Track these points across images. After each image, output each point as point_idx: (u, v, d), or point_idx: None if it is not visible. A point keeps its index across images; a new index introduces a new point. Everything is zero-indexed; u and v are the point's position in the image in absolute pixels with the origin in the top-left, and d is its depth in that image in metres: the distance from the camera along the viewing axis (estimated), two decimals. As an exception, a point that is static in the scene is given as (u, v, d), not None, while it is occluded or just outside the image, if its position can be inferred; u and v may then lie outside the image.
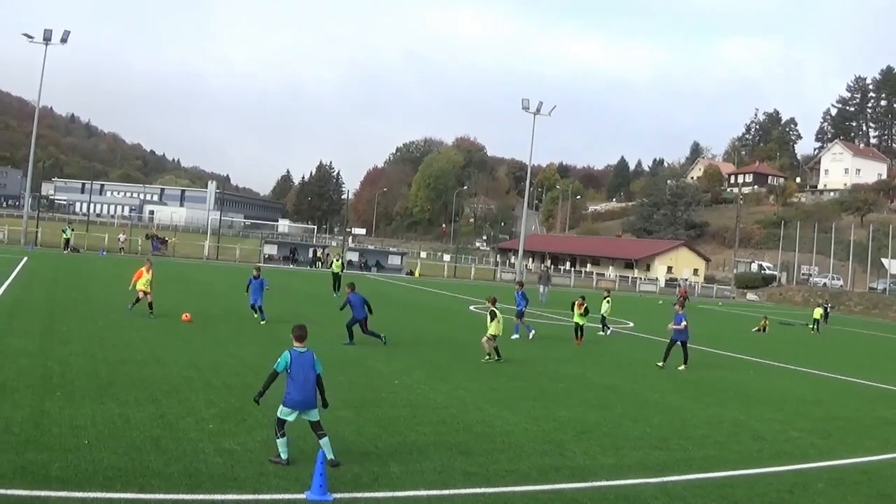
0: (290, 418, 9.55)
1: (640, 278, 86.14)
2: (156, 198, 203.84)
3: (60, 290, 28.68)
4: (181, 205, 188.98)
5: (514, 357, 20.71)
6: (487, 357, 19.38)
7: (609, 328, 29.27)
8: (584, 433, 12.66)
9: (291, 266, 61.24)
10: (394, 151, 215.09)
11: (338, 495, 8.59)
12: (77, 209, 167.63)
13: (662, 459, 11.42)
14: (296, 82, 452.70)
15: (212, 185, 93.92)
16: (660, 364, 21.03)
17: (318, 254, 66.18)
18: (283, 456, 9.57)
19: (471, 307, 37.26)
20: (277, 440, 9.62)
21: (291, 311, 26.76)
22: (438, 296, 27.11)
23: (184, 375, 14.62)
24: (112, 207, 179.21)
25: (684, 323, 20.92)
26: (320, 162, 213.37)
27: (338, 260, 40.95)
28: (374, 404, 13.57)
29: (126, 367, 15.21)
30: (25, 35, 59.74)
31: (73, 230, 58.36)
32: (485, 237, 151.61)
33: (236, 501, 8.40)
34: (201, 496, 8.40)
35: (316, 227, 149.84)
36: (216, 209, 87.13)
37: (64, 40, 59.43)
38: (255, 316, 23.42)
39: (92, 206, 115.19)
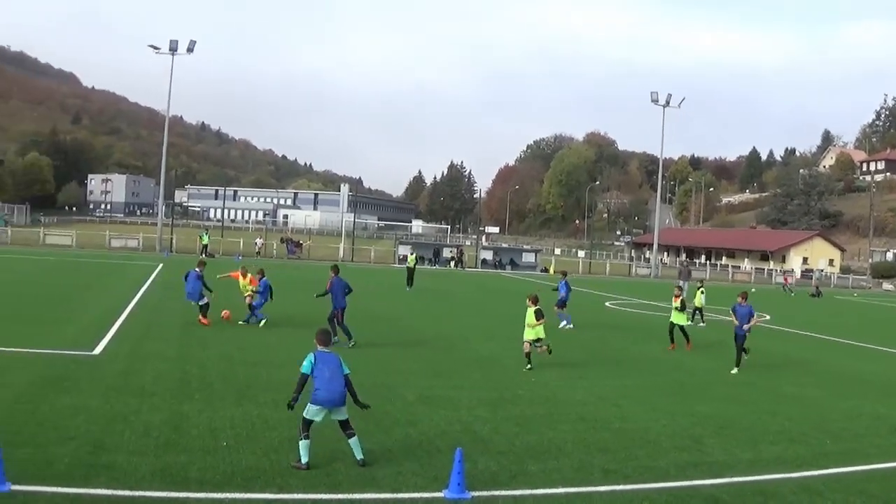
0: (318, 418, 11.08)
1: (776, 270, 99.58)
2: (289, 202, 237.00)
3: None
4: (315, 208, 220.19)
5: (651, 353, 24.11)
6: (528, 367, 19.81)
7: (703, 322, 32.86)
8: (722, 428, 14.63)
9: (436, 266, 70.84)
10: (524, 149, 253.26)
11: (476, 493, 10.09)
12: (211, 215, 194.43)
13: (800, 454, 13.19)
14: (425, 83, 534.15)
15: (344, 188, 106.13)
16: (734, 371, 21.51)
17: (454, 253, 76.96)
18: (304, 460, 10.95)
19: (607, 304, 42.77)
20: (300, 442, 11.02)
21: (431, 310, 30.81)
22: (573, 293, 30.84)
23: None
24: (246, 213, 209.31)
25: (754, 320, 21.96)
26: (451, 161, 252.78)
27: (412, 255, 49.31)
28: (511, 402, 15.85)
29: (263, 369, 17.84)
30: (151, 46, 72.54)
31: (210, 235, 66.91)
32: (619, 232, 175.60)
33: (374, 500, 9.88)
34: (340, 496, 9.94)
35: (449, 226, 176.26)
36: (349, 212, 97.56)
37: (190, 50, 71.46)
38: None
39: (226, 211, 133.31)
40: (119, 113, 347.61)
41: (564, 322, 29.58)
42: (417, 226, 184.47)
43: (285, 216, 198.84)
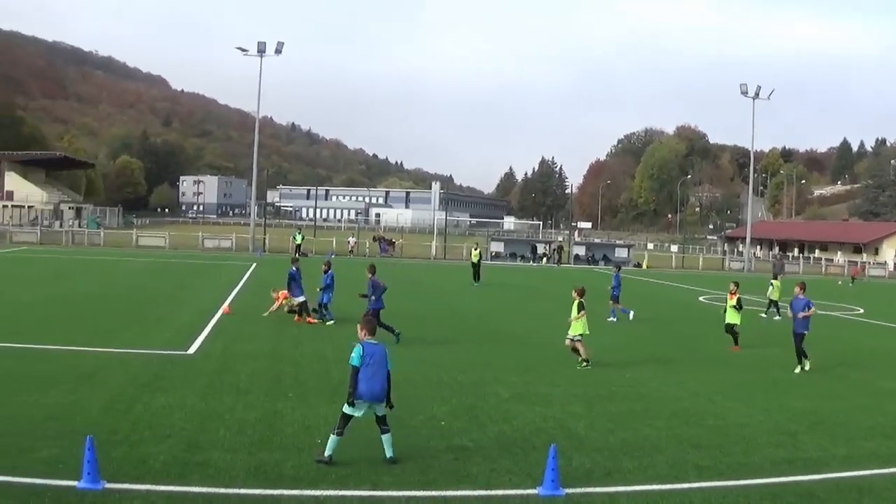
0: (359, 413, 11.13)
1: (869, 262, 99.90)
2: (381, 200, 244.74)
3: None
4: (406, 206, 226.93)
5: (745, 348, 23.87)
6: (584, 363, 19.70)
7: (778, 316, 32.89)
8: (816, 424, 14.83)
9: (533, 264, 71.85)
10: (615, 143, 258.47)
11: (570, 490, 10.25)
12: (303, 215, 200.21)
13: (895, 450, 13.24)
14: (515, 78, 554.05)
15: (436, 186, 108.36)
16: (797, 370, 20.72)
17: (546, 249, 78.19)
18: (328, 453, 11.05)
19: (700, 298, 43.56)
20: (332, 436, 11.11)
21: (520, 308, 29.94)
22: (667, 287, 31.07)
23: (416, 374, 17.51)
24: (338, 212, 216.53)
25: (811, 309, 20.99)
26: (542, 157, 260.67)
27: (476, 249, 49.69)
28: (606, 398, 16.21)
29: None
30: (240, 49, 76.00)
31: (303, 236, 68.51)
32: (711, 226, 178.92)
33: (468, 497, 10.03)
34: (433, 493, 10.10)
35: (541, 222, 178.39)
36: (441, 209, 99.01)
37: (278, 51, 74.27)
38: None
39: (318, 211, 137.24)
40: (209, 115, 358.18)
41: (613, 318, 30.17)
42: (509, 222, 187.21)
43: (377, 215, 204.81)
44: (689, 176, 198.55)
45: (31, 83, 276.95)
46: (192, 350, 19.75)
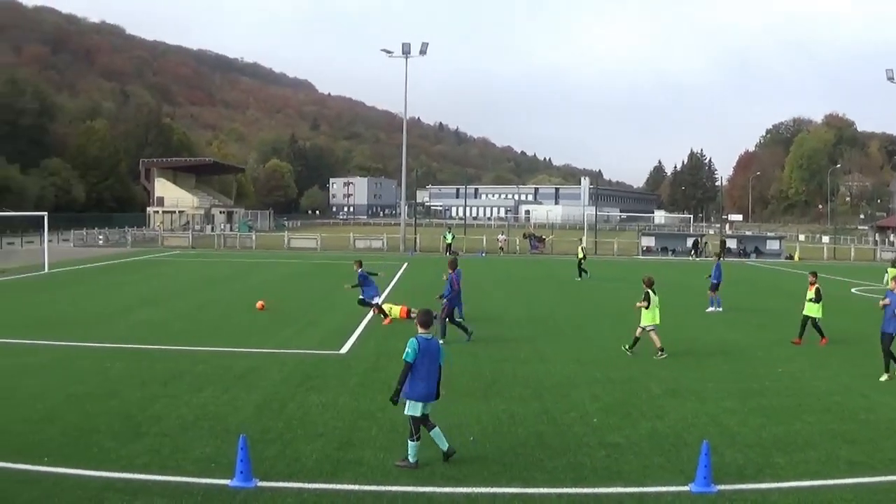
0: (418, 413, 11.14)
1: None
2: (530, 197, 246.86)
3: (440, 290, 34.36)
4: (556, 202, 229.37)
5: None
6: (660, 353, 19.94)
7: None
8: None
9: (696, 259, 70.79)
10: (763, 134, 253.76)
11: (722, 487, 10.37)
12: (453, 214, 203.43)
13: None
14: (662, 72, 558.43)
15: (585, 182, 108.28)
16: (883, 378, 18.17)
17: (698, 243, 77.24)
18: (413, 460, 11.12)
19: (853, 290, 42.80)
20: (410, 443, 11.14)
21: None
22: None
23: (567, 371, 17.92)
24: (487, 210, 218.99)
25: None
26: (691, 150, 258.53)
27: (581, 245, 49.57)
28: (759, 394, 16.21)
29: (509, 364, 18.64)
30: (384, 51, 77.90)
31: (454, 234, 69.28)
32: (862, 216, 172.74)
33: (620, 494, 10.13)
34: (585, 490, 10.26)
35: (692, 216, 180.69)
36: (591, 204, 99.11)
37: (423, 52, 75.93)
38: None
39: (468, 209, 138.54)
40: (357, 117, 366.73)
41: (712, 308, 30.25)
42: (660, 216, 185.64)
43: (527, 212, 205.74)
44: (839, 165, 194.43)
45: (178, 91, 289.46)
46: (344, 350, 20.28)
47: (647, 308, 20.27)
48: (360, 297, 26.59)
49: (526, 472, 10.86)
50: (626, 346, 20.48)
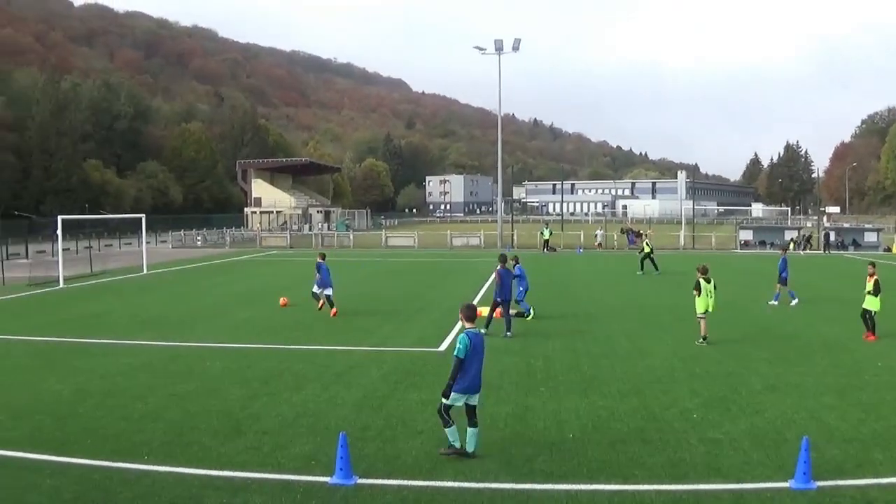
0: (458, 403, 11.42)
1: None
2: (627, 192, 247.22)
3: (539, 289, 34.07)
4: (653, 197, 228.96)
5: None
6: (702, 340, 20.83)
7: None
8: None
9: (801, 252, 69.35)
10: (859, 124, 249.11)
11: (821, 483, 10.32)
12: (550, 210, 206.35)
13: None
14: (757, 64, 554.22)
15: (681, 175, 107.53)
16: None
17: (796, 237, 75.55)
18: (457, 445, 11.39)
19: None
20: (447, 430, 11.40)
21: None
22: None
23: (667, 366, 17.81)
24: (584, 205, 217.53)
25: None
26: (787, 142, 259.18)
27: (648, 240, 49.48)
28: (858, 388, 15.99)
29: (608, 360, 18.62)
30: (477, 48, 78.22)
31: (551, 231, 69.23)
32: None
33: (720, 491, 10.09)
34: (685, 486, 10.22)
35: (789, 208, 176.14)
36: (688, 198, 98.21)
37: (516, 48, 75.97)
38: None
39: (564, 205, 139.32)
40: (451, 115, 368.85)
41: (775, 301, 30.12)
42: (757, 209, 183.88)
43: (624, 206, 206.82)
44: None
45: (272, 93, 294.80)
46: (442, 347, 20.39)
47: (698, 296, 21.00)
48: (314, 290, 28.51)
49: (625, 468, 10.87)
50: (700, 340, 20.91)
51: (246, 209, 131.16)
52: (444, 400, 11.42)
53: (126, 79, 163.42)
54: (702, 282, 21.00)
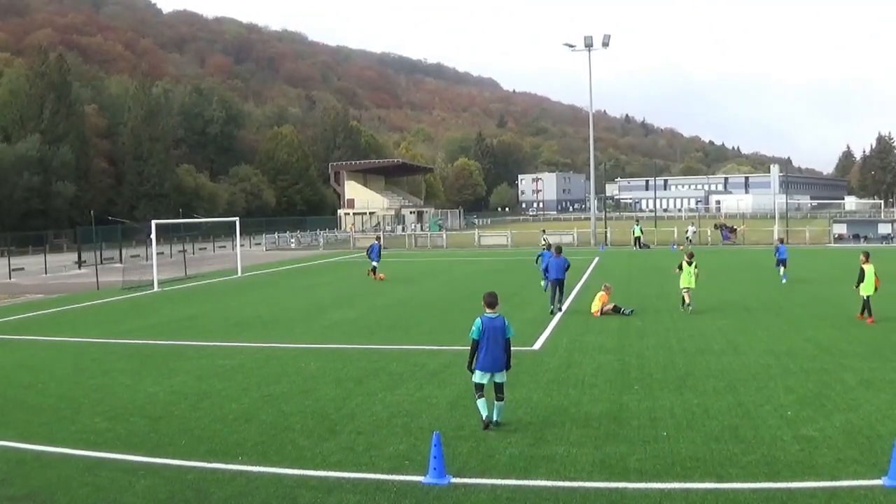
0: (484, 380, 12.85)
1: None
2: (720, 187, 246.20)
3: (634, 286, 34.91)
4: (746, 192, 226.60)
5: None
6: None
7: None
8: None
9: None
10: None
11: None
12: (643, 206, 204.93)
13: None
14: (849, 56, 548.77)
15: (774, 169, 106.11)
16: None
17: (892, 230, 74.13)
18: (484, 413, 12.76)
19: None
20: (477, 401, 12.87)
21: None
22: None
23: (761, 363, 17.68)
24: (677, 201, 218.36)
25: None
26: (879, 134, 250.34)
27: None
28: None
29: (703, 357, 18.45)
30: (567, 45, 78.81)
31: (642, 228, 68.80)
32: None
33: (813, 489, 9.90)
34: (778, 484, 10.06)
35: (882, 201, 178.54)
36: (781, 192, 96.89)
37: (605, 45, 76.14)
38: None
39: (658, 201, 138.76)
40: (543, 113, 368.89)
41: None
42: (850, 202, 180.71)
43: (717, 202, 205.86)
44: None
45: (363, 94, 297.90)
46: (536, 346, 20.38)
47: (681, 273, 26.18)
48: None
49: (720, 466, 10.76)
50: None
51: (339, 211, 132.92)
52: (472, 377, 12.99)
53: (217, 84, 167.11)
54: (684, 264, 26.17)
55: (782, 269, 36.39)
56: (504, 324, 13.08)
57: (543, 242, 48.65)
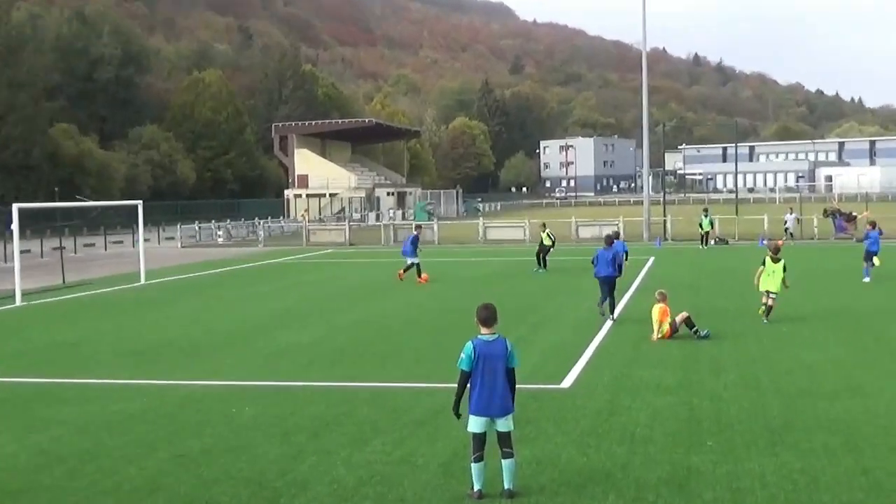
0: (481, 430, 12.64)
1: None
2: (832, 157, 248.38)
3: (704, 299, 34.68)
4: (871, 162, 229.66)
5: None
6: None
7: None
8: None
9: None
10: None
11: None
12: (718, 185, 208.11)
13: None
14: None
15: None
16: None
17: None
18: (476, 486, 12.59)
19: None
20: (471, 465, 12.67)
21: None
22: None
23: (894, 409, 17.70)
24: (768, 177, 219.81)
25: None
26: None
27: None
28: None
29: (808, 400, 18.29)
30: None
31: (711, 219, 66.83)
32: None
33: None
34: None
35: None
36: None
37: None
38: None
39: (740, 177, 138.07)
40: (576, 52, 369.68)
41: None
42: None
43: (827, 178, 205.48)
44: None
45: (321, 27, 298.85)
46: (566, 382, 20.40)
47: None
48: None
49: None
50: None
51: (287, 192, 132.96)
52: (456, 417, 13.07)
53: (109, 8, 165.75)
54: (768, 260, 27.29)
55: (873, 262, 38.11)
56: (506, 349, 12.86)
57: (548, 241, 49.41)
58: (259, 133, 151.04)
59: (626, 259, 34.40)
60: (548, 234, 49.46)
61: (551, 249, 49.10)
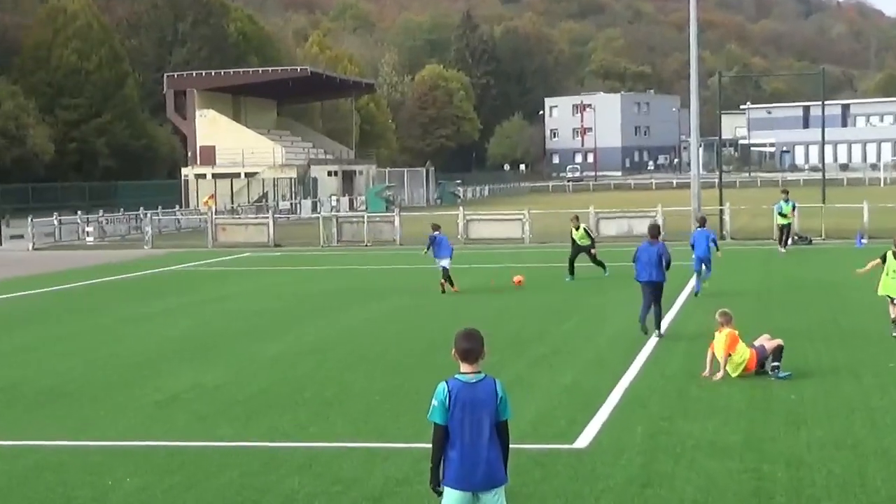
0: None
1: None
2: None
3: (777, 320, 34.05)
4: None
5: None
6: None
7: None
8: None
9: None
10: None
11: None
12: (798, 159, 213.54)
13: None
14: None
15: None
16: None
17: None
18: None
19: None
20: None
21: None
22: None
23: None
24: (868, 148, 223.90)
25: None
26: None
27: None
28: None
29: None
30: None
31: (794, 203, 65.00)
32: None
33: None
34: None
35: None
36: None
37: None
38: None
39: (828, 149, 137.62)
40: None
41: None
42: None
43: None
44: None
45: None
46: (582, 441, 20.27)
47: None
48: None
49: None
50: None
51: (185, 171, 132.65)
52: (436, 494, 12.24)
53: None
54: (889, 256, 29.11)
55: None
56: (495, 393, 12.23)
57: (585, 239, 50.06)
58: (146, 87, 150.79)
59: (716, 249, 35.05)
60: (584, 231, 49.54)
61: (592, 251, 49.35)
